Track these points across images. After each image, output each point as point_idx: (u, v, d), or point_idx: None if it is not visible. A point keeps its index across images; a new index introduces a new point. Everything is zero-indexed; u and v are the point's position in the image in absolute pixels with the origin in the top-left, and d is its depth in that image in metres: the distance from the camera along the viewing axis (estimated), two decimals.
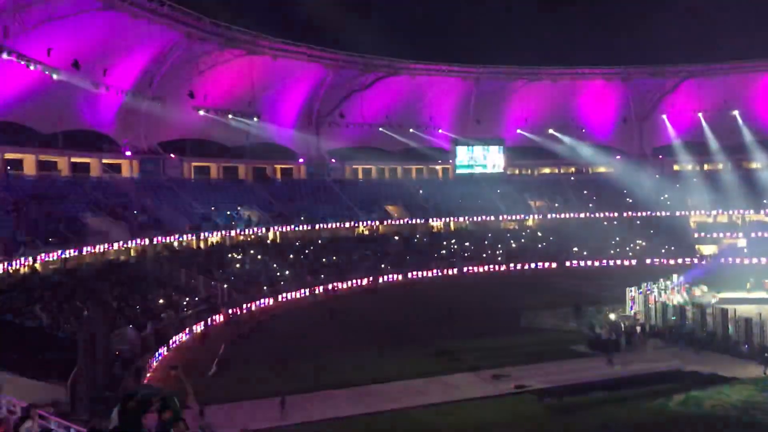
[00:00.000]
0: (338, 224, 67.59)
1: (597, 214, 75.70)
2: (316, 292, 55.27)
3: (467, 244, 71.28)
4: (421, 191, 77.04)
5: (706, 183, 74.97)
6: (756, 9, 70.06)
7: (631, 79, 78.64)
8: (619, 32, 78.60)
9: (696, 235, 72.57)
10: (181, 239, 55.59)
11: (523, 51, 75.05)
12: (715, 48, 71.38)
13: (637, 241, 71.75)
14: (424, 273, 63.69)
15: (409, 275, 62.82)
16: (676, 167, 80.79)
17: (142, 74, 58.05)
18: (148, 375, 32.58)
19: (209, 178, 68.74)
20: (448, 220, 75.35)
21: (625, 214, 75.53)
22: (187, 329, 41.54)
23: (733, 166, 75.32)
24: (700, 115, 77.42)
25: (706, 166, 79.34)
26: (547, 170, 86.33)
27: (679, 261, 66.04)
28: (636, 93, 79.74)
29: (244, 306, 48.64)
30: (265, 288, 53.46)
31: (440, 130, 79.93)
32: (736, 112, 74.89)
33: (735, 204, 72.00)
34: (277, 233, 64.84)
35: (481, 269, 66.40)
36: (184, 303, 45.92)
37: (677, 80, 77.75)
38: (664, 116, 79.51)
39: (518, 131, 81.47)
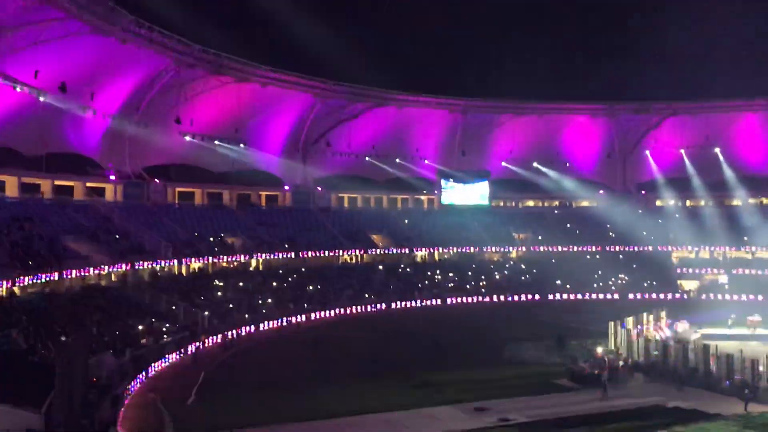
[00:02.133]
0: (322, 252, 67.37)
1: (580, 248, 76.11)
2: (299, 320, 54.78)
3: (451, 274, 71.29)
4: (406, 221, 77.13)
5: (689, 219, 75.75)
6: (739, 50, 71.54)
7: (616, 115, 79.74)
8: (606, 68, 79.69)
9: (678, 271, 73.08)
10: (163, 265, 55.07)
11: (509, 85, 75.90)
12: (698, 87, 72.68)
13: (620, 276, 72.09)
14: (408, 303, 63.46)
15: (393, 305, 62.59)
16: (658, 203, 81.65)
17: (129, 99, 58.06)
18: (126, 402, 31.97)
19: (193, 203, 68.42)
20: (432, 250, 75.43)
21: (608, 248, 76.00)
22: (167, 355, 40.95)
23: (715, 203, 76.18)
24: (682, 151, 78.46)
25: (688, 202, 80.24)
26: (531, 203, 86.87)
27: (661, 296, 66.36)
28: (620, 129, 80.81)
29: (225, 334, 48.06)
30: (246, 316, 52.94)
31: (426, 161, 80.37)
32: (717, 150, 75.97)
33: (716, 240, 72.69)
34: (260, 261, 64.46)
35: (464, 300, 66.27)
36: (164, 330, 45.33)
37: (661, 117, 78.93)
38: (648, 152, 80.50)
39: (503, 164, 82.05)
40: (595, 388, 33.73)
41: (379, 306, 61.88)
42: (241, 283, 59.05)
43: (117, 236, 53.79)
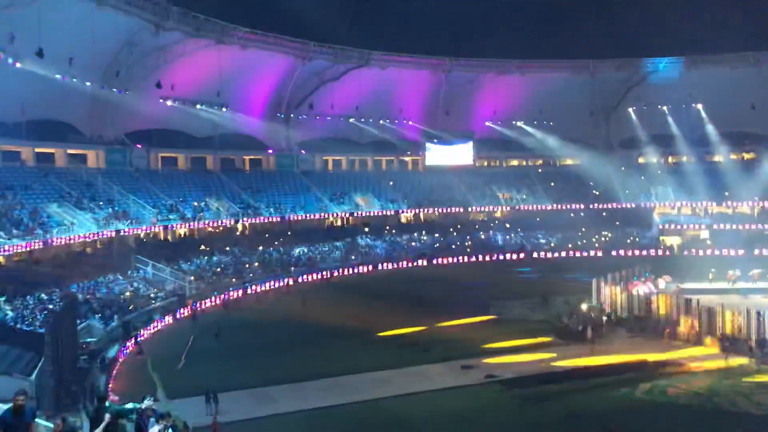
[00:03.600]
0: (308, 216, 67.46)
1: (564, 206, 76.71)
2: (287, 283, 55.06)
3: (437, 235, 71.75)
4: (391, 183, 77.18)
5: (671, 175, 76.60)
6: (724, 6, 70.96)
7: (598, 72, 79.52)
8: (587, 24, 79.06)
9: (660, 227, 74.00)
10: (148, 231, 54.96)
11: (492, 44, 75.08)
12: (679, 42, 72.30)
13: (603, 233, 72.87)
14: (394, 264, 63.91)
15: (379, 267, 63.02)
16: (641, 159, 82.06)
17: (109, 64, 57.07)
18: (116, 368, 32.25)
19: (177, 169, 67.96)
20: (417, 211, 75.72)
21: (591, 206, 76.60)
22: (156, 321, 41.20)
23: (697, 159, 76.73)
24: (665, 108, 78.62)
25: (670, 159, 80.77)
26: (515, 162, 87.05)
27: (644, 252, 67.27)
28: (603, 86, 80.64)
29: (213, 298, 48.33)
30: (234, 280, 53.18)
31: (410, 122, 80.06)
32: (700, 106, 76.23)
33: (698, 196, 73.57)
34: (246, 225, 64.47)
35: (450, 260, 66.80)
36: (151, 295, 45.52)
37: (643, 73, 78.88)
38: (630, 110, 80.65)
39: (487, 124, 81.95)
40: (580, 343, 34.42)
41: (366, 268, 62.25)
42: (227, 248, 59.13)
43: (101, 203, 53.48)
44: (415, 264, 64.74)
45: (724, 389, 27.95)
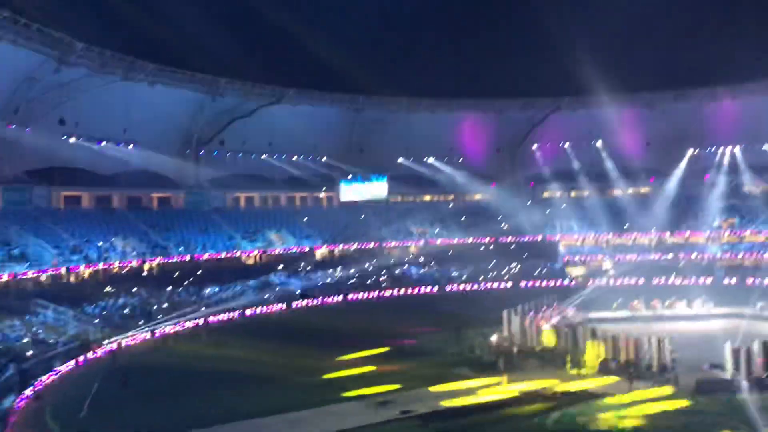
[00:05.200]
0: (219, 254, 66.15)
1: (475, 239, 78.65)
2: (198, 324, 53.53)
3: (352, 271, 71.78)
4: (305, 219, 76.89)
5: (574, 209, 80.00)
6: (617, 49, 75.48)
7: (503, 111, 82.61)
8: (493, 66, 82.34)
9: (566, 258, 76.88)
10: (49, 273, 52.41)
11: (403, 82, 76.91)
12: (581, 84, 76.36)
13: (512, 265, 74.99)
14: (309, 302, 63.37)
15: (294, 304, 62.32)
16: (546, 194, 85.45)
17: (7, 100, 54.74)
18: (12, 420, 30.33)
19: (81, 208, 65.38)
20: (332, 247, 75.68)
21: (500, 239, 78.88)
22: (56, 368, 39.12)
23: (598, 193, 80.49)
24: (567, 145, 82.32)
25: (573, 193, 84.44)
26: (428, 198, 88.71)
27: (551, 283, 69.54)
28: (508, 124, 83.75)
29: (119, 342, 46.38)
30: (141, 322, 51.28)
31: (324, 159, 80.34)
32: (599, 143, 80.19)
33: (600, 228, 77.11)
34: (154, 265, 62.54)
35: (366, 296, 66.83)
36: (51, 341, 43.27)
37: (546, 113, 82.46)
38: (535, 146, 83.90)
39: (401, 160, 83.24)
40: (492, 375, 35.00)
41: (279, 306, 61.40)
42: (134, 289, 57.10)
43: None
44: (330, 300, 64.39)
45: (630, 415, 28.99)
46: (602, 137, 79.69)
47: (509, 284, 70.51)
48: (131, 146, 63.77)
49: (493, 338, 40.85)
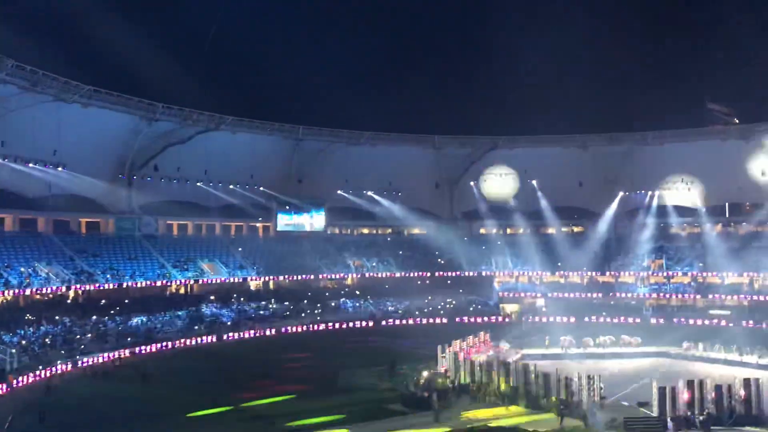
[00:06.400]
0: (149, 283, 64.10)
1: (411, 274, 78.64)
2: (123, 355, 51.44)
3: (286, 303, 70.62)
4: (240, 249, 75.46)
5: (509, 246, 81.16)
6: (553, 90, 77.90)
7: (442, 147, 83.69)
8: (432, 102, 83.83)
9: (500, 294, 77.64)
10: None
11: (344, 115, 77.39)
12: (517, 123, 78.52)
13: (448, 300, 75.19)
14: (241, 334, 61.88)
15: (225, 336, 60.75)
16: (482, 230, 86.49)
17: None
18: None
19: (3, 231, 62.41)
20: (267, 278, 74.41)
21: (437, 274, 79.15)
22: None
23: (532, 231, 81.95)
24: (503, 182, 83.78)
25: (508, 230, 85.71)
26: (365, 230, 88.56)
27: (486, 319, 69.98)
28: (447, 161, 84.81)
29: (38, 372, 44.05)
30: (63, 352, 48.95)
31: (261, 188, 79.32)
32: (534, 182, 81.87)
33: (534, 266, 78.29)
34: (80, 292, 60.10)
35: (300, 328, 65.72)
36: None
37: (484, 150, 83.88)
38: (472, 183, 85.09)
39: (339, 192, 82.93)
40: (425, 411, 34.61)
41: (210, 338, 59.73)
42: (56, 317, 54.60)
43: None
44: (263, 333, 63.02)
45: None
46: (537, 176, 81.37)
47: (444, 319, 70.66)
48: (60, 168, 61.45)
49: (425, 374, 40.48)
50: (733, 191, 77.60)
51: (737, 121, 75.61)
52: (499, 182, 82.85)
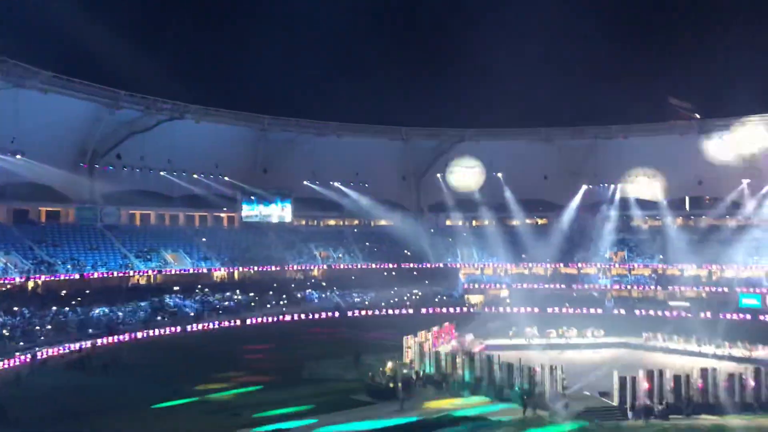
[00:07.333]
0: (111, 273, 63.09)
1: (378, 265, 78.74)
2: (84, 347, 50.58)
3: (252, 294, 70.14)
4: (204, 239, 74.66)
5: (475, 238, 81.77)
6: (520, 85, 78.51)
7: (409, 139, 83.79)
8: (400, 93, 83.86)
9: (465, 286, 78.25)
10: None
11: (311, 105, 77.05)
12: (484, 116, 79.01)
13: (414, 291, 75.49)
14: (206, 325, 61.33)
15: (189, 328, 60.16)
16: (448, 222, 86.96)
17: None
18: None
19: None
20: (232, 269, 73.79)
21: (403, 265, 79.38)
22: None
23: (497, 223, 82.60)
24: (469, 175, 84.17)
25: (474, 222, 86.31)
26: (332, 222, 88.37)
27: (451, 310, 70.45)
28: (414, 153, 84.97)
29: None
30: (21, 344, 47.97)
31: (226, 178, 78.48)
32: (500, 174, 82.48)
33: (499, 257, 79.04)
34: (39, 282, 58.89)
35: (265, 320, 65.36)
36: None
37: (451, 143, 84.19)
38: (439, 175, 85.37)
39: (306, 183, 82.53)
40: (391, 401, 34.76)
41: (174, 329, 59.08)
42: (15, 308, 53.45)
43: None
44: (228, 324, 62.50)
45: None
46: (503, 169, 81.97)
47: (410, 310, 70.97)
48: (19, 156, 59.99)
49: (390, 364, 40.59)
50: (694, 185, 79.32)
51: (698, 116, 77.02)
52: (465, 175, 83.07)
